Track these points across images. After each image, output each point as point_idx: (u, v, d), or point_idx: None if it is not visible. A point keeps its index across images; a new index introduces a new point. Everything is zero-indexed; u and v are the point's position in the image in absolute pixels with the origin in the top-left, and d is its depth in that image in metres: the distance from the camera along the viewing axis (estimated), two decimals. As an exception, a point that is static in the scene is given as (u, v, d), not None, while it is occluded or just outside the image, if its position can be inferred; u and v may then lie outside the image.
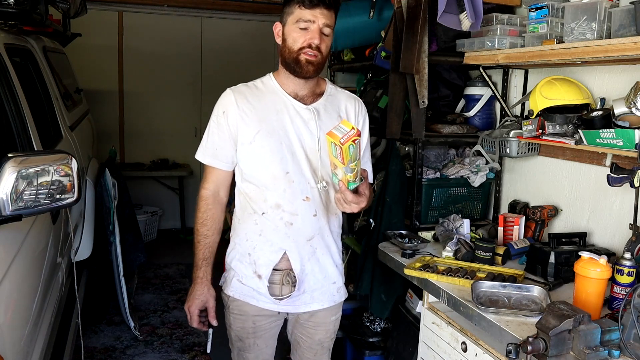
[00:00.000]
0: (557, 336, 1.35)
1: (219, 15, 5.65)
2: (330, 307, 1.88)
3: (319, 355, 1.96)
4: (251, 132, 1.71)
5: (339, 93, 1.84)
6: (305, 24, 1.64)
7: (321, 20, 1.64)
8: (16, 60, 2.35)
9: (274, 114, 1.72)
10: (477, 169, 2.60)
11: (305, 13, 1.64)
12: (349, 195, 1.53)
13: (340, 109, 1.81)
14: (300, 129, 1.72)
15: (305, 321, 1.89)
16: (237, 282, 1.81)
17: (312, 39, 1.65)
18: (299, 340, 1.95)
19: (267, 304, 1.80)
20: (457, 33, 2.34)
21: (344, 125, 1.43)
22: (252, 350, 1.87)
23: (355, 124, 1.82)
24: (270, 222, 1.74)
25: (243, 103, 1.72)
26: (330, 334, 1.94)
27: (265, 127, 1.71)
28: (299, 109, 1.74)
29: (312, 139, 1.73)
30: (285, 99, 1.74)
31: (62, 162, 1.50)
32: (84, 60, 4.96)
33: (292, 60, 1.68)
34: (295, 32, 1.66)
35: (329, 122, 1.73)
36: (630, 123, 1.87)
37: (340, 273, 1.89)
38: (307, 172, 1.73)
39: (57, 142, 2.65)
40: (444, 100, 2.83)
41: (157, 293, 4.16)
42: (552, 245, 2.05)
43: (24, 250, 1.69)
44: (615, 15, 1.79)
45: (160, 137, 5.67)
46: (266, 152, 1.71)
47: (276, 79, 1.77)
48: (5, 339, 1.45)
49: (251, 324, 1.84)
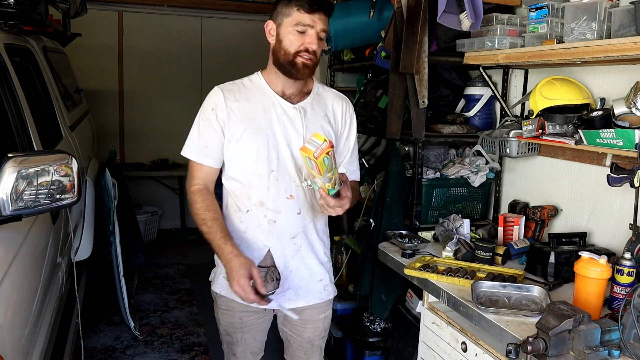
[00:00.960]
0: (557, 336, 1.35)
1: (219, 15, 5.65)
2: (317, 304, 1.89)
3: (309, 354, 1.98)
4: (238, 130, 1.72)
5: (326, 92, 1.86)
6: (303, 27, 1.66)
7: (319, 26, 1.67)
8: (16, 60, 2.35)
9: (261, 112, 1.74)
10: (477, 169, 2.60)
11: (305, 17, 1.65)
12: (331, 201, 1.57)
13: (327, 108, 1.83)
14: (286, 128, 1.74)
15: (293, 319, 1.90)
16: (223, 279, 1.81)
17: (311, 44, 1.67)
18: (289, 339, 1.98)
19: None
20: (457, 33, 2.34)
21: (316, 139, 1.47)
22: (239, 345, 1.91)
23: (342, 123, 1.85)
24: (254, 220, 1.77)
25: (231, 101, 1.74)
26: (319, 332, 1.95)
27: (252, 126, 1.72)
28: (285, 107, 1.76)
29: (298, 138, 1.75)
30: (273, 98, 1.76)
31: (62, 162, 1.50)
32: (84, 60, 4.95)
33: (287, 63, 1.69)
34: (292, 34, 1.67)
35: (315, 121, 1.77)
36: (630, 123, 1.86)
37: (327, 270, 1.90)
38: (292, 171, 1.75)
39: (57, 142, 2.65)
40: (444, 100, 2.83)
41: (157, 293, 4.16)
42: (552, 245, 2.04)
43: (24, 250, 1.69)
44: (615, 15, 1.79)
45: (160, 137, 5.67)
46: (252, 151, 1.72)
47: (264, 78, 1.79)
48: (5, 339, 1.45)
49: (238, 320, 1.87)
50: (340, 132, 1.86)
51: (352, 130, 1.89)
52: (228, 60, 5.63)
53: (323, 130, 1.79)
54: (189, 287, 4.29)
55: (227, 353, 1.98)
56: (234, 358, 1.94)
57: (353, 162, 1.91)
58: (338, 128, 1.85)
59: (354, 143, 1.90)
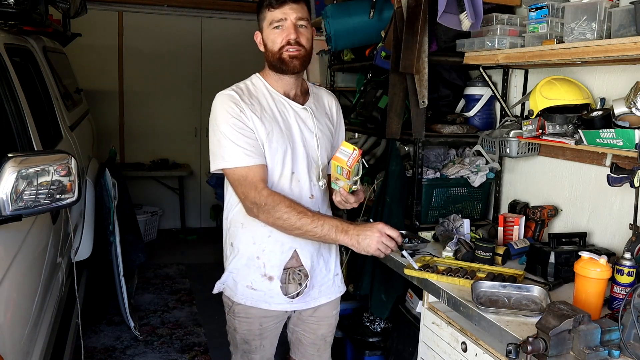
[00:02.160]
0: (557, 336, 1.35)
1: (219, 15, 5.66)
2: (332, 300, 1.94)
3: (321, 350, 2.00)
4: (263, 133, 1.70)
5: (319, 90, 1.94)
6: (278, 23, 1.69)
7: (292, 16, 1.68)
8: (16, 60, 2.35)
9: (278, 115, 1.75)
10: (477, 169, 2.60)
11: (276, 13, 1.68)
12: (351, 198, 1.71)
13: (325, 106, 1.92)
14: (302, 129, 1.78)
15: (308, 317, 1.93)
16: (245, 289, 1.80)
17: (289, 35, 1.69)
18: (301, 338, 1.98)
19: (280, 305, 1.82)
20: (457, 33, 2.34)
21: (346, 148, 1.59)
22: (258, 352, 1.89)
23: (337, 118, 1.96)
24: None
25: (247, 105, 1.70)
26: (332, 328, 2.00)
27: (275, 128, 1.72)
28: (297, 109, 1.78)
29: (312, 138, 1.79)
30: (283, 100, 1.77)
31: (62, 162, 1.51)
32: (84, 60, 4.96)
33: (276, 61, 1.71)
34: (272, 34, 1.70)
35: (321, 120, 1.85)
36: (630, 123, 1.86)
37: (338, 263, 1.96)
38: (311, 171, 1.79)
39: (57, 142, 2.65)
40: (444, 100, 2.83)
41: (157, 293, 4.16)
42: (552, 245, 2.04)
43: (24, 250, 1.69)
44: (615, 15, 1.78)
45: (160, 137, 5.67)
46: (277, 154, 1.72)
47: (266, 80, 1.79)
48: (5, 339, 1.45)
49: (258, 326, 1.85)
50: (336, 127, 1.96)
51: (342, 126, 2.01)
52: (228, 60, 5.63)
53: (327, 128, 1.87)
54: (189, 287, 4.29)
55: None
56: None
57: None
58: (335, 123, 1.94)
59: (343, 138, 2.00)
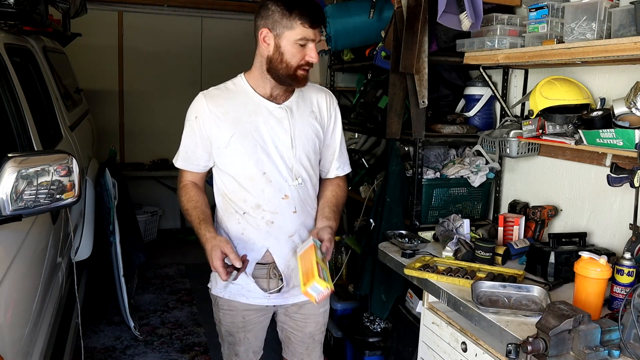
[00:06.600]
0: (557, 336, 1.35)
1: (219, 15, 5.65)
2: None
3: (310, 349, 2.00)
4: (226, 136, 1.74)
5: (309, 87, 1.88)
6: (304, 41, 1.69)
7: (318, 38, 1.72)
8: (16, 60, 2.35)
9: (246, 115, 1.75)
10: (477, 169, 2.60)
11: (309, 32, 1.68)
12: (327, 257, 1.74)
13: (312, 104, 1.86)
14: (274, 129, 1.76)
15: (294, 313, 1.94)
16: (223, 282, 1.82)
17: (313, 57, 1.71)
18: (289, 336, 1.99)
19: (257, 300, 1.85)
20: (457, 33, 2.34)
21: (319, 285, 1.53)
22: (242, 344, 1.93)
23: (328, 117, 1.88)
24: (252, 221, 1.79)
25: (215, 107, 1.76)
26: (320, 326, 1.99)
27: (240, 130, 1.74)
28: (271, 109, 1.77)
29: (286, 138, 1.77)
30: (258, 100, 1.77)
31: (62, 162, 1.51)
32: (84, 60, 4.95)
33: (287, 75, 1.71)
34: (294, 48, 1.69)
35: (301, 119, 1.80)
36: (630, 123, 1.86)
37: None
38: (284, 171, 1.78)
39: (57, 142, 2.65)
40: (444, 100, 2.83)
41: (157, 293, 4.16)
42: (552, 245, 2.04)
43: (24, 250, 1.69)
44: (615, 15, 1.79)
45: (160, 137, 5.66)
46: (242, 155, 1.74)
47: (249, 81, 1.80)
48: (5, 339, 1.45)
49: (241, 319, 1.88)
50: (327, 127, 1.90)
51: (337, 123, 1.92)
52: (228, 60, 5.61)
53: (310, 126, 1.82)
54: (189, 287, 4.29)
55: (227, 354, 1.98)
56: (236, 358, 1.95)
57: (343, 154, 1.96)
58: (324, 123, 1.88)
59: (341, 135, 1.94)
